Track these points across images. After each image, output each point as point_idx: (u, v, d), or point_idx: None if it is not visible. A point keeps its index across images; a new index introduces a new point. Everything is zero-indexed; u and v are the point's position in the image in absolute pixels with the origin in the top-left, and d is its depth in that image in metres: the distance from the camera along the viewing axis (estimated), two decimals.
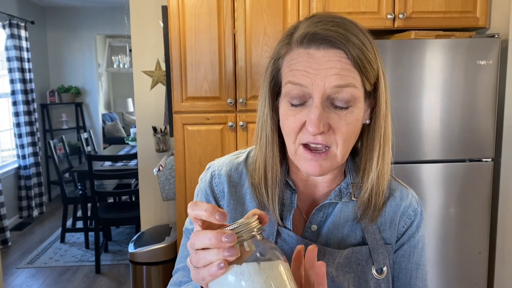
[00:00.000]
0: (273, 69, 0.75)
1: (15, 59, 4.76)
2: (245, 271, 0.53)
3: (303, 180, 0.81)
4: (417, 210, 0.84)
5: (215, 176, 0.84)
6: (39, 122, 5.48)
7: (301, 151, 0.72)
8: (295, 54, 0.71)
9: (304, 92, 0.69)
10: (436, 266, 2.23)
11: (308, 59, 0.69)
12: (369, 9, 2.21)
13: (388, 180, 0.82)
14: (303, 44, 0.70)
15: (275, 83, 0.76)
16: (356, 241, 0.80)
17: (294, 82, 0.70)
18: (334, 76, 0.68)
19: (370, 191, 0.78)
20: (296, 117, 0.71)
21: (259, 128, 0.79)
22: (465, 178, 2.18)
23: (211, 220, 0.55)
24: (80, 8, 5.99)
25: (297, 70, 0.70)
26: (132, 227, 4.43)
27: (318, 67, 0.68)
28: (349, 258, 0.77)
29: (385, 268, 0.79)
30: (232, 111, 2.27)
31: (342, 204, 0.80)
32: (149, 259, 2.56)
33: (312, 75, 0.68)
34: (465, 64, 2.10)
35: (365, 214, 0.79)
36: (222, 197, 0.83)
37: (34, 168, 5.07)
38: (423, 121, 2.13)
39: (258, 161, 0.80)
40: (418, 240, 0.84)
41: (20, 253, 4.03)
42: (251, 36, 2.20)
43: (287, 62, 0.72)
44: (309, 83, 0.68)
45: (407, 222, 0.83)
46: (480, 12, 2.23)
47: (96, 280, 3.46)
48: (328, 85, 0.68)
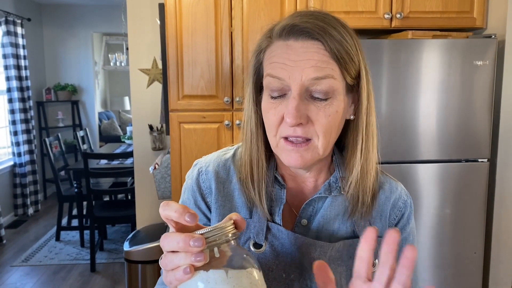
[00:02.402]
0: (255, 63, 0.76)
1: (11, 56, 4.73)
2: (211, 278, 0.51)
3: (291, 175, 0.81)
4: (407, 202, 0.85)
5: (202, 172, 0.84)
6: (35, 120, 5.46)
7: (282, 143, 0.72)
8: (275, 46, 0.72)
9: (283, 85, 0.70)
10: (432, 266, 2.23)
11: (287, 51, 0.70)
12: (366, 8, 2.20)
13: (375, 177, 0.81)
14: (282, 36, 0.71)
15: (257, 77, 0.77)
16: (347, 234, 0.80)
17: (272, 75, 0.71)
18: (312, 68, 0.68)
19: (354, 186, 0.78)
20: (276, 110, 0.71)
21: (244, 123, 0.80)
22: (461, 179, 2.18)
23: (181, 221, 0.53)
24: (77, 5, 5.97)
25: (275, 63, 0.70)
26: (128, 225, 4.42)
27: (296, 58, 0.69)
28: (340, 251, 0.77)
29: (377, 261, 0.78)
30: (229, 109, 2.26)
31: (332, 198, 0.80)
32: (144, 258, 2.55)
33: (289, 68, 0.69)
34: (462, 64, 2.10)
35: (355, 210, 0.79)
36: (209, 193, 0.82)
37: (30, 166, 5.05)
38: (419, 121, 2.13)
39: (244, 156, 0.80)
40: (409, 233, 0.85)
41: (15, 251, 4.01)
42: (248, 35, 2.19)
43: (268, 55, 0.73)
44: (286, 76, 0.69)
45: (398, 215, 0.84)
46: (477, 13, 2.23)
47: (91, 279, 3.45)
48: (306, 77, 0.68)
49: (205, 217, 0.83)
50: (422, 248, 2.20)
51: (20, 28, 4.94)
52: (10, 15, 4.76)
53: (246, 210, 0.80)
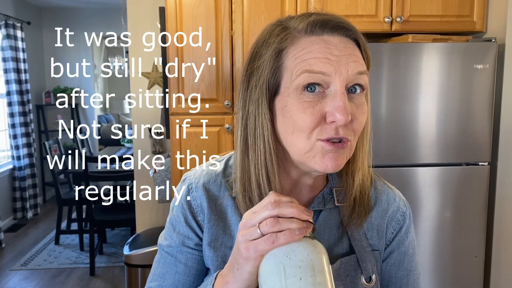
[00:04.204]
0: (273, 65, 0.68)
1: (10, 60, 4.73)
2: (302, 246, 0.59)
3: (291, 184, 0.76)
4: (405, 213, 0.82)
5: (192, 189, 0.78)
6: (34, 123, 5.45)
7: (320, 145, 0.65)
8: (306, 43, 0.66)
9: (324, 81, 0.64)
10: (432, 270, 2.22)
11: (327, 45, 0.65)
12: (366, 12, 2.21)
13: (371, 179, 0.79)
14: (314, 32, 0.67)
15: (276, 81, 0.69)
16: (343, 250, 0.77)
17: (314, 71, 0.64)
18: (355, 63, 0.66)
19: (351, 194, 0.74)
20: (315, 109, 0.64)
21: (252, 135, 0.71)
22: (461, 182, 2.18)
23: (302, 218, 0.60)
24: (77, 9, 5.98)
25: (315, 58, 0.65)
26: (127, 229, 4.41)
27: (338, 52, 0.65)
28: (337, 270, 0.74)
29: (374, 276, 0.76)
30: (229, 113, 2.26)
31: (326, 211, 0.76)
32: (144, 262, 2.54)
33: (334, 62, 0.64)
34: (462, 68, 2.11)
35: (350, 219, 0.75)
36: (200, 212, 0.77)
37: (29, 169, 5.04)
38: (419, 125, 2.13)
39: (247, 170, 0.72)
40: (408, 246, 0.82)
41: (14, 255, 4.00)
42: (248, 38, 2.19)
43: (296, 52, 0.66)
44: (332, 71, 0.64)
45: (396, 228, 0.81)
46: (477, 16, 2.24)
47: (91, 283, 3.44)
48: (351, 72, 0.65)
49: (197, 237, 0.78)
50: (423, 252, 2.20)
51: (20, 31, 4.94)
52: (10, 18, 4.76)
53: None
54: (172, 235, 0.80)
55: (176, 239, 0.79)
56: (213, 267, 0.77)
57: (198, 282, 0.80)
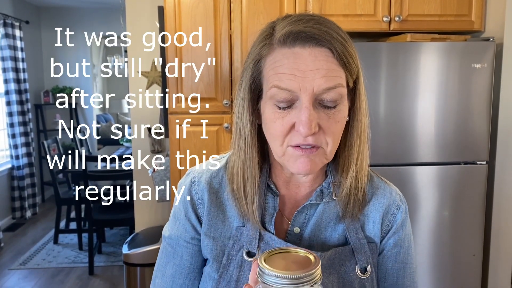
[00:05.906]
0: (254, 72, 0.72)
1: (9, 59, 4.73)
2: None
3: (285, 181, 0.80)
4: (401, 207, 0.83)
5: (195, 183, 0.82)
6: (33, 123, 5.45)
7: (290, 150, 0.70)
8: (279, 55, 0.68)
9: (292, 96, 0.67)
10: (431, 268, 2.23)
11: (294, 60, 0.67)
12: (365, 11, 2.21)
13: (367, 176, 0.81)
14: (287, 44, 0.68)
15: (256, 86, 0.73)
16: (339, 242, 0.79)
17: (280, 87, 0.67)
18: (323, 78, 0.66)
19: (348, 187, 0.77)
20: (285, 120, 0.68)
21: (237, 133, 0.76)
22: (459, 181, 2.19)
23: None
24: (75, 8, 5.97)
25: (283, 74, 0.67)
26: (126, 228, 4.41)
27: (305, 68, 0.66)
28: (332, 259, 0.76)
29: (369, 267, 0.78)
30: (228, 112, 2.26)
31: (324, 204, 0.79)
32: (143, 261, 2.54)
33: (299, 79, 0.66)
34: (460, 67, 2.11)
35: (346, 212, 0.78)
36: (201, 205, 0.81)
37: (28, 169, 5.04)
38: (418, 124, 2.14)
39: (236, 166, 0.77)
40: (404, 239, 0.83)
41: (13, 254, 4.00)
42: (247, 38, 2.20)
43: (271, 63, 0.69)
44: (296, 88, 0.66)
45: (391, 221, 0.82)
46: (475, 16, 2.24)
47: (90, 282, 3.44)
48: (317, 88, 0.66)
49: (194, 230, 0.82)
50: (421, 250, 2.20)
51: (19, 30, 4.94)
52: (8, 17, 4.75)
53: (239, 219, 0.79)
54: (174, 227, 0.84)
55: (176, 231, 0.83)
56: (211, 257, 0.80)
57: (192, 275, 0.84)
